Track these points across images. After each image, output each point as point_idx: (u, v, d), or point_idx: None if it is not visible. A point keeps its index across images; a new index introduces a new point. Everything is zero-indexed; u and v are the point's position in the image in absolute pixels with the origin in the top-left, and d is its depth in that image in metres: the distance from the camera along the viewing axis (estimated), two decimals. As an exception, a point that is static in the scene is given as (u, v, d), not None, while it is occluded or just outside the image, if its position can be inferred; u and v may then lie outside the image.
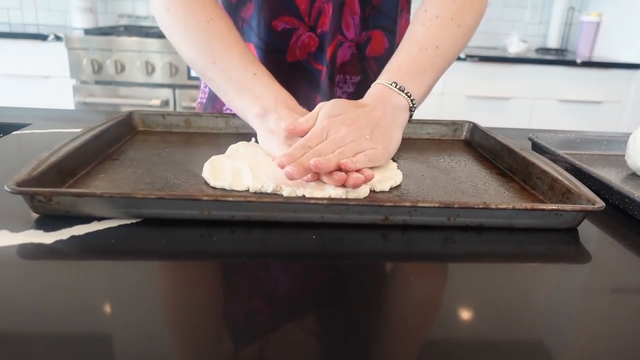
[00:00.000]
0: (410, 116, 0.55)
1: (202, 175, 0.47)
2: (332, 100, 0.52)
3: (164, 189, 0.45)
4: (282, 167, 0.43)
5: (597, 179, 0.49)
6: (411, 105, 0.55)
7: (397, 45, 0.71)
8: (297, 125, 0.49)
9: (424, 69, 0.57)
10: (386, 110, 0.53)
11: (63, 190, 0.40)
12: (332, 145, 0.47)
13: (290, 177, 0.42)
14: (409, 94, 0.54)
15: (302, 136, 0.49)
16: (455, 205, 0.40)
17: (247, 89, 0.55)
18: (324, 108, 0.51)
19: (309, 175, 0.44)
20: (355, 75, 0.75)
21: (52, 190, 0.38)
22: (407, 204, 0.39)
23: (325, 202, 0.39)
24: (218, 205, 0.39)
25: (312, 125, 0.50)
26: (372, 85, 0.56)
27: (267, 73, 0.57)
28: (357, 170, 0.44)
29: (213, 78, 0.58)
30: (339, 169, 0.44)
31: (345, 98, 0.72)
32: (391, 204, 0.39)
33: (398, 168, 0.52)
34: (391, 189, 0.48)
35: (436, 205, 0.39)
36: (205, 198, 0.38)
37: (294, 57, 0.72)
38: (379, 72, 0.71)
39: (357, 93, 0.75)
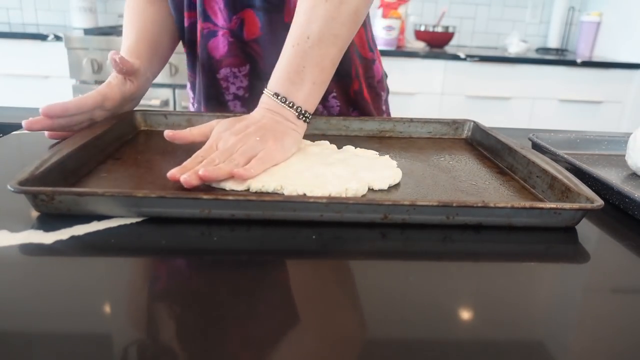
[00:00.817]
0: (305, 121, 0.54)
1: None
2: (222, 120, 0.53)
3: (165, 188, 0.45)
4: (173, 178, 0.43)
5: (597, 179, 0.49)
6: (297, 114, 0.53)
7: (271, 20, 0.68)
8: (177, 132, 0.52)
9: (302, 67, 0.52)
10: (275, 118, 0.52)
11: (65, 189, 0.41)
12: (223, 154, 0.47)
13: (188, 184, 0.42)
14: (292, 105, 0.52)
15: (182, 143, 0.52)
16: (454, 204, 0.40)
17: None
18: (215, 127, 0.52)
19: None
20: (243, 65, 0.70)
21: (54, 190, 0.39)
22: (406, 202, 0.39)
23: (324, 200, 0.39)
24: (218, 204, 0.39)
25: (194, 134, 0.52)
26: (263, 94, 0.55)
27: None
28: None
29: None
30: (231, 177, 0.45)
31: (242, 94, 0.72)
32: (390, 203, 0.40)
33: (398, 166, 0.52)
34: (391, 187, 0.48)
35: (435, 204, 0.39)
36: (205, 197, 0.39)
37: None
38: (265, 55, 0.69)
39: (252, 86, 0.72)
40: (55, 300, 0.30)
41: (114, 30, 1.99)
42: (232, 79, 0.71)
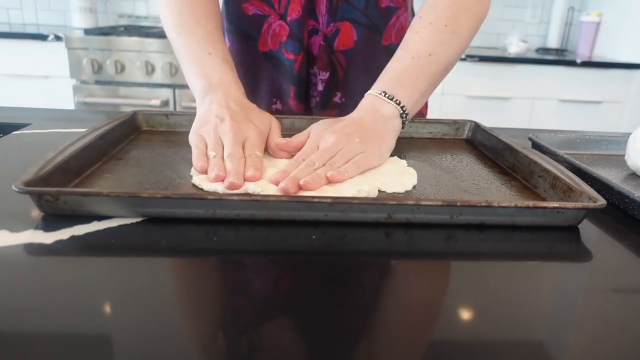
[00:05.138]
0: (404, 123, 0.55)
1: (192, 181, 0.47)
2: (320, 121, 0.55)
3: (168, 188, 0.45)
4: (277, 183, 0.44)
5: (597, 179, 0.49)
6: (401, 112, 0.54)
7: (367, 37, 0.72)
8: (289, 141, 0.52)
9: (416, 77, 0.56)
10: (375, 119, 0.53)
11: (70, 189, 0.41)
12: (323, 155, 0.48)
13: (285, 192, 0.43)
14: (398, 102, 0.54)
15: (293, 152, 0.51)
16: (458, 204, 0.40)
17: (198, 66, 0.58)
18: (313, 127, 0.54)
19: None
20: (324, 71, 0.74)
21: (59, 190, 0.39)
22: (410, 202, 0.40)
23: (329, 200, 0.39)
24: (223, 204, 0.39)
25: (302, 140, 0.52)
26: (364, 97, 0.56)
27: (222, 55, 0.59)
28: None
29: (177, 50, 0.61)
30: (329, 182, 0.46)
31: (316, 94, 0.74)
32: (394, 202, 0.40)
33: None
34: None
35: (439, 203, 0.40)
36: (210, 197, 0.39)
37: (266, 46, 0.73)
38: (347, 68, 0.73)
39: (327, 93, 0.75)
40: (56, 300, 0.30)
41: (114, 30, 1.99)
42: (314, 78, 0.75)
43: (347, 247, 0.39)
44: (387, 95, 0.54)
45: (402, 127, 0.55)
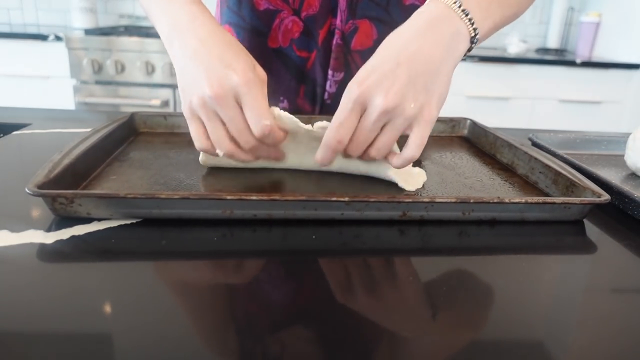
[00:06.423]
0: (469, 50, 0.44)
1: (199, 158, 0.49)
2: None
3: (178, 189, 0.45)
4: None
5: (597, 179, 0.49)
6: (473, 35, 0.43)
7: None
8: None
9: (489, 2, 0.45)
10: (439, 41, 0.41)
11: (86, 192, 0.40)
12: (366, 135, 0.41)
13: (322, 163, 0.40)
14: (472, 22, 0.42)
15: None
16: (471, 200, 0.41)
17: (164, 11, 0.49)
18: (350, 86, 0.42)
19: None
20: (339, 72, 0.70)
21: (75, 192, 0.38)
22: (425, 199, 0.40)
23: (346, 199, 0.39)
24: (241, 205, 0.39)
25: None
26: (427, 3, 0.44)
27: None
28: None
29: (145, 7, 0.54)
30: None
31: (327, 97, 0.70)
32: (410, 200, 0.40)
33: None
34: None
35: (453, 200, 0.40)
36: (228, 197, 0.39)
37: (275, 42, 0.69)
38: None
39: (339, 94, 0.69)
40: (56, 300, 0.30)
41: (114, 31, 1.99)
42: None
43: (364, 245, 0.39)
44: (461, 8, 0.41)
45: (469, 51, 0.44)
